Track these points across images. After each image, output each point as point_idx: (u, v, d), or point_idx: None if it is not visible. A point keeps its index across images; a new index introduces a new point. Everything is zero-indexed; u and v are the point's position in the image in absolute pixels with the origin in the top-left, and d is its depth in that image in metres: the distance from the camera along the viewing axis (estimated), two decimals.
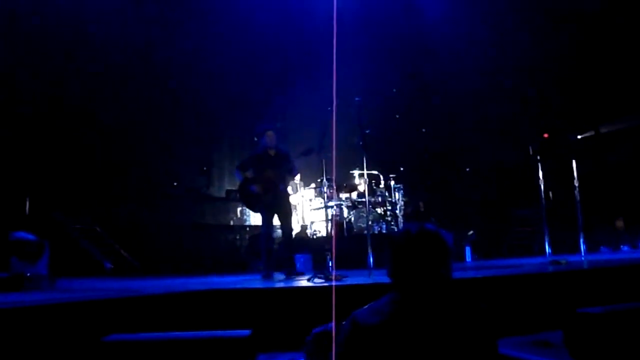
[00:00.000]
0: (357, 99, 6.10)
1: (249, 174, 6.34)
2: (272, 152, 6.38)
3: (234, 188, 11.57)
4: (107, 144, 9.82)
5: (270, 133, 6.39)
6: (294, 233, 6.83)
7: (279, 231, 6.64)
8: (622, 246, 10.16)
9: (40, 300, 3.56)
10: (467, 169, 11.78)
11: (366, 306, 1.86)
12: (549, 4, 10.71)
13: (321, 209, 9.06)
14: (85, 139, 9.62)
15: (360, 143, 5.96)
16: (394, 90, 11.75)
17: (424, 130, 12.10)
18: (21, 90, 9.13)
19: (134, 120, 10.20)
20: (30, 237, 5.53)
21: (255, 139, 7.00)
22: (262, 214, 6.39)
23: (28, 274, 5.20)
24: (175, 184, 10.79)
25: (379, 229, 8.79)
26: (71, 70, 9.52)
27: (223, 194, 11.54)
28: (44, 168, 9.03)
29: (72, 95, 9.52)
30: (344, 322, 1.89)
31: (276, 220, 6.43)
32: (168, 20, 10.69)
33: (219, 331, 2.72)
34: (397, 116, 11.87)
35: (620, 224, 10.55)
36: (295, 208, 9.61)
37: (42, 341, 3.17)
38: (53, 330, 3.25)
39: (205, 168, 11.52)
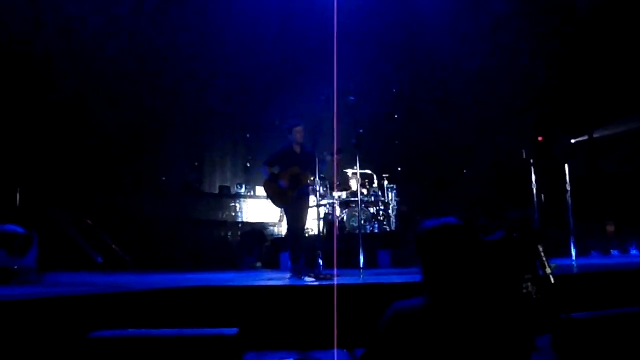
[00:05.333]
0: (351, 98, 6.09)
1: (275, 170, 6.15)
2: (298, 150, 6.18)
3: (226, 184, 11.54)
4: (100, 137, 9.77)
5: (298, 129, 6.18)
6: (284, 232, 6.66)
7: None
8: (612, 251, 10.20)
9: (26, 295, 3.52)
10: (465, 171, 11.78)
11: (407, 300, 1.69)
12: (546, 8, 10.76)
13: (313, 207, 9.02)
14: (78, 132, 9.56)
15: (354, 142, 5.95)
16: (394, 90, 11.71)
17: (421, 132, 12.10)
18: (13, 83, 9.06)
19: (127, 114, 10.16)
20: (19, 229, 5.47)
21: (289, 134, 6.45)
22: (288, 210, 6.23)
23: (16, 267, 5.15)
24: (163, 178, 10.72)
25: (371, 228, 8.78)
26: (64, 64, 9.44)
27: (214, 190, 11.46)
28: (35, 161, 8.97)
29: (65, 88, 9.45)
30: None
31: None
32: (164, 16, 10.62)
33: (206, 329, 2.70)
34: (396, 116, 11.85)
35: (611, 228, 10.59)
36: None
37: (26, 336, 3.13)
38: (38, 326, 3.21)
39: (196, 163, 11.46)
